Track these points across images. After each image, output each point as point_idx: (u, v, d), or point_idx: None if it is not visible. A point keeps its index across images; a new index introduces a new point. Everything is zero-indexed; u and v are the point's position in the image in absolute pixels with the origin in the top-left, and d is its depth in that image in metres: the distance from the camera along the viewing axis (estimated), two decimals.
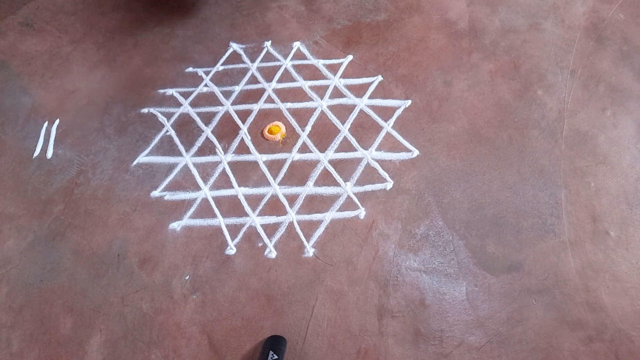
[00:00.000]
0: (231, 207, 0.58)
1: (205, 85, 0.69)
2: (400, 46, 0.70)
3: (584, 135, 0.60)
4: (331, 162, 0.61)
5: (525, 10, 0.72)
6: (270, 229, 0.57)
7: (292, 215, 0.57)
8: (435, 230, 0.55)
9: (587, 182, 0.57)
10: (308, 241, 0.55)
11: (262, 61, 0.71)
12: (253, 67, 0.70)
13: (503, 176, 0.58)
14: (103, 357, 0.50)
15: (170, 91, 0.69)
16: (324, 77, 0.68)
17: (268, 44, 0.72)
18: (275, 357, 0.47)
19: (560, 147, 0.59)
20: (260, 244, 0.56)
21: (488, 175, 0.58)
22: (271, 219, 0.57)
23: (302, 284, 0.53)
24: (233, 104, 0.67)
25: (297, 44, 0.72)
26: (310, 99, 0.66)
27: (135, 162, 0.63)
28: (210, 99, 0.68)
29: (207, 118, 0.66)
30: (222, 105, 0.67)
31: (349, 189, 0.58)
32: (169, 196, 0.60)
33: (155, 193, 0.60)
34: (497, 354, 0.48)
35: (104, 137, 0.65)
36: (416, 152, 0.60)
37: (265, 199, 0.58)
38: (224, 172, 0.61)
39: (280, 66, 0.70)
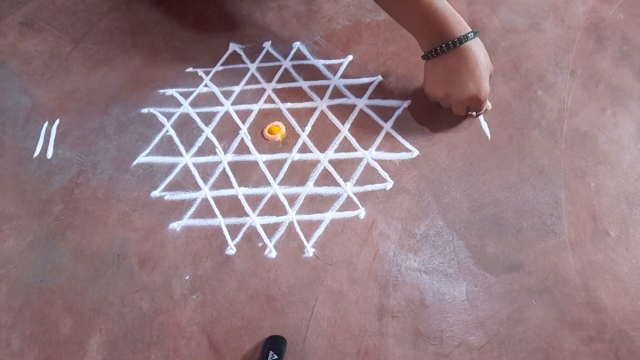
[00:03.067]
0: (231, 207, 0.58)
1: (205, 85, 0.69)
2: (400, 46, 0.70)
3: (584, 135, 0.60)
4: (331, 162, 0.61)
5: (525, 10, 0.72)
6: (270, 229, 0.56)
7: (292, 215, 0.57)
8: (435, 230, 0.55)
9: (587, 182, 0.57)
10: (308, 241, 0.55)
11: (262, 61, 0.71)
12: (253, 67, 0.70)
13: (503, 176, 0.58)
14: (103, 357, 0.50)
15: (170, 91, 0.69)
16: (324, 77, 0.68)
17: (268, 44, 0.72)
18: (275, 357, 0.47)
19: (560, 147, 0.59)
20: (260, 244, 0.56)
21: (488, 175, 0.58)
22: (271, 219, 0.57)
23: (302, 284, 0.53)
24: (233, 104, 0.67)
25: (297, 44, 0.72)
26: (310, 99, 0.66)
27: (135, 162, 0.63)
28: (210, 99, 0.68)
29: (207, 118, 0.66)
30: (222, 105, 0.67)
31: (349, 189, 0.58)
32: (169, 196, 0.60)
33: (155, 193, 0.60)
34: (497, 354, 0.48)
35: (104, 137, 0.65)
36: (416, 152, 0.60)
37: (265, 199, 0.58)
38: (224, 172, 0.61)
39: (280, 66, 0.70)
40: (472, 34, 0.54)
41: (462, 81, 0.55)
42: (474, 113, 0.60)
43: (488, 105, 0.60)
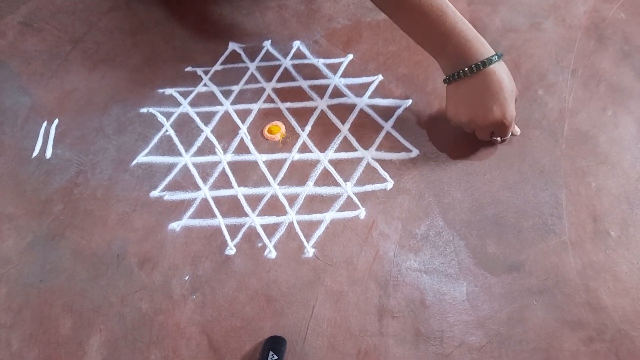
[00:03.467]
0: (231, 207, 0.58)
1: (205, 84, 0.69)
2: (400, 45, 0.70)
3: (584, 135, 0.60)
4: (331, 162, 0.60)
5: (526, 10, 0.72)
6: (270, 229, 0.56)
7: (292, 215, 0.57)
8: (435, 231, 0.55)
9: (588, 181, 0.56)
10: (308, 241, 0.55)
11: (261, 60, 0.70)
12: (252, 67, 0.70)
13: (504, 176, 0.58)
14: (102, 358, 0.50)
15: (169, 91, 0.69)
16: (324, 77, 0.68)
17: (268, 43, 0.72)
18: (275, 357, 0.47)
19: (561, 146, 0.59)
20: (260, 244, 0.55)
21: (489, 175, 0.58)
22: (271, 219, 0.57)
23: (302, 284, 0.53)
24: (232, 103, 0.67)
25: (297, 43, 0.72)
26: (310, 99, 0.66)
27: (134, 162, 0.63)
28: (209, 99, 0.68)
29: (206, 118, 0.66)
30: (221, 104, 0.67)
31: (349, 189, 0.58)
32: (168, 196, 0.60)
33: (155, 193, 0.60)
34: (498, 354, 0.48)
35: (103, 136, 0.65)
36: (416, 152, 0.60)
37: (265, 199, 0.58)
38: (223, 172, 0.61)
39: (280, 65, 0.69)
40: (495, 56, 0.52)
41: (485, 106, 0.53)
42: (499, 139, 0.58)
43: (517, 130, 0.58)
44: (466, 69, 0.52)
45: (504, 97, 0.52)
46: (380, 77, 0.67)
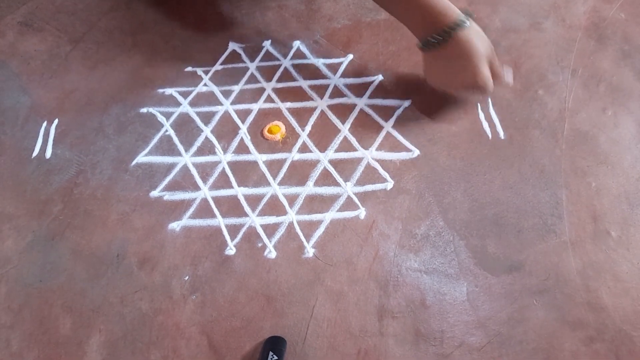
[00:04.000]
0: (231, 207, 0.58)
1: (205, 84, 0.69)
2: (400, 45, 0.70)
3: (584, 135, 0.60)
4: (331, 162, 0.60)
5: (526, 10, 0.72)
6: (270, 229, 0.56)
7: (292, 216, 0.57)
8: (435, 231, 0.55)
9: (588, 182, 0.56)
10: (308, 241, 0.55)
11: (261, 60, 0.70)
12: (252, 67, 0.70)
13: (504, 176, 0.58)
14: (102, 358, 0.50)
15: (169, 91, 0.69)
16: (324, 77, 0.68)
17: (267, 43, 0.72)
18: (275, 357, 0.47)
19: (561, 146, 0.59)
20: (260, 244, 0.55)
21: (489, 175, 0.58)
22: (271, 219, 0.57)
23: (302, 284, 0.53)
24: (232, 103, 0.67)
25: (297, 43, 0.72)
26: (310, 99, 0.66)
27: (134, 162, 0.63)
28: (209, 99, 0.68)
29: (206, 118, 0.66)
30: (221, 104, 0.67)
31: (349, 189, 0.58)
32: (168, 196, 0.60)
33: (155, 193, 0.60)
34: (498, 354, 0.48)
35: (103, 136, 0.65)
36: (417, 152, 0.60)
37: (265, 199, 0.58)
38: (223, 172, 0.61)
39: (280, 65, 0.69)
40: (462, 21, 0.53)
41: (458, 72, 0.55)
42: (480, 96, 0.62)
43: (509, 82, 0.59)
44: (437, 36, 0.54)
45: (476, 62, 0.54)
46: (380, 77, 0.67)
